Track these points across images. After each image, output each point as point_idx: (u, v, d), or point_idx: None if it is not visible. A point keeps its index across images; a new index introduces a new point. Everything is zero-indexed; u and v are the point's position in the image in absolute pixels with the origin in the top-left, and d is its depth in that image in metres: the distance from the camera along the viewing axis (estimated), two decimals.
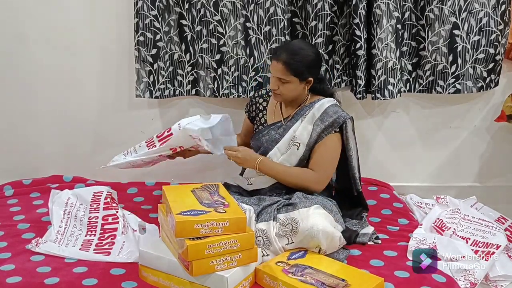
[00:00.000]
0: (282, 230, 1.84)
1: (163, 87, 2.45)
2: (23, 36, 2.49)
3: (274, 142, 2.10)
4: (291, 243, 1.83)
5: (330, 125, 2.01)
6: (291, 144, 2.06)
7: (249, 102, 2.28)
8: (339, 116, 2.01)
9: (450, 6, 2.33)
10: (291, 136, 2.06)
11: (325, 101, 2.07)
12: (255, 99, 2.25)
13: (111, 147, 2.64)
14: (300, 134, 2.04)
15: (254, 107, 2.25)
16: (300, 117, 2.08)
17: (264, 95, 2.24)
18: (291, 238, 1.82)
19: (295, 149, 2.05)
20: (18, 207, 2.28)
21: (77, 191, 2.19)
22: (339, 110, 2.04)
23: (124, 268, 1.80)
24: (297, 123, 2.07)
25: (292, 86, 2.01)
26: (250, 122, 2.28)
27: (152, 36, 2.35)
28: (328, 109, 2.03)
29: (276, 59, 1.99)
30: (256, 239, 1.84)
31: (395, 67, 2.39)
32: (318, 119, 2.02)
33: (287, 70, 1.97)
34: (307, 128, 2.04)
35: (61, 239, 1.96)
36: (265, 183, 2.11)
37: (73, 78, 2.55)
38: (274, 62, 2.00)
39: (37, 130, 2.62)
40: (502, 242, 1.98)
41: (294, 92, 2.04)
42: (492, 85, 2.46)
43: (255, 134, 2.21)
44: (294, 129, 2.06)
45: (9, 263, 1.80)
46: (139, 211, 2.24)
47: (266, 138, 2.14)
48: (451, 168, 2.65)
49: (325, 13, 2.33)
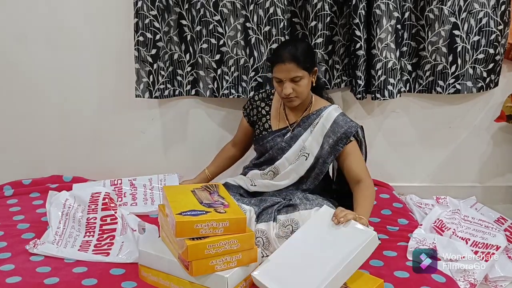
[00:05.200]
0: (282, 231, 1.84)
1: (162, 87, 2.45)
2: (23, 36, 2.49)
3: (281, 151, 2.07)
4: None
5: (343, 136, 1.99)
6: (300, 155, 2.03)
7: (248, 105, 2.21)
8: (350, 126, 2.00)
9: (450, 6, 2.33)
10: (300, 146, 2.04)
11: (331, 109, 2.05)
12: (255, 102, 2.19)
13: (111, 147, 2.65)
14: (310, 145, 2.02)
15: (255, 111, 2.19)
16: (308, 126, 2.05)
17: (265, 98, 2.18)
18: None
19: (304, 159, 2.03)
20: (18, 207, 2.28)
21: (75, 192, 2.18)
22: (348, 120, 2.03)
23: (124, 268, 1.80)
24: (305, 133, 2.04)
25: (305, 82, 1.97)
26: (249, 125, 2.23)
27: (151, 36, 2.35)
28: (337, 119, 2.02)
29: (281, 62, 1.94)
30: (256, 240, 1.83)
31: (395, 67, 2.39)
32: (330, 131, 2.00)
33: (298, 66, 1.93)
34: (318, 140, 2.02)
35: (59, 240, 1.95)
36: (268, 188, 2.10)
37: (73, 78, 2.55)
38: (281, 65, 1.94)
39: (37, 130, 2.62)
40: (502, 243, 1.98)
41: (308, 88, 2.00)
42: (492, 85, 2.46)
43: (258, 139, 2.17)
44: (303, 139, 2.04)
45: (8, 263, 1.80)
46: None
47: (271, 144, 2.11)
48: (450, 168, 2.65)
49: (325, 13, 2.33)
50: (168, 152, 2.65)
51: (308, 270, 1.61)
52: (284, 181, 2.07)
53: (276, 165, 2.07)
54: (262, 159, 2.14)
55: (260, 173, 2.11)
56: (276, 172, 2.08)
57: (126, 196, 2.31)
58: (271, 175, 2.09)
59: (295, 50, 1.94)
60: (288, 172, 2.05)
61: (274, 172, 2.08)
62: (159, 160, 2.65)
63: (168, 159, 2.65)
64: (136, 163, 2.64)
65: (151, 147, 2.64)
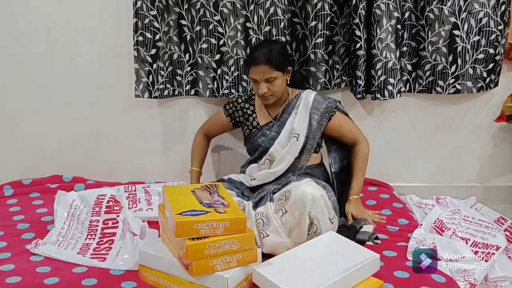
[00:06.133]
0: (277, 204, 1.90)
1: (162, 87, 2.45)
2: (23, 36, 2.49)
3: (272, 140, 2.15)
4: (284, 213, 1.86)
5: (326, 110, 2.13)
6: (290, 137, 2.12)
7: (231, 106, 2.29)
8: (329, 101, 2.15)
9: (450, 6, 2.33)
10: (288, 129, 2.13)
11: (307, 92, 2.19)
12: (239, 105, 2.28)
13: (111, 147, 2.65)
14: (298, 125, 2.12)
15: (240, 112, 2.27)
16: (291, 110, 2.16)
17: (248, 99, 2.28)
18: (284, 208, 1.86)
19: (295, 140, 2.11)
20: (18, 207, 2.28)
21: (82, 193, 2.19)
22: (326, 97, 2.18)
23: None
24: (291, 117, 2.15)
25: (279, 82, 2.07)
26: (231, 125, 2.31)
27: (151, 36, 2.35)
28: (316, 97, 2.15)
29: (255, 64, 2.04)
30: (256, 222, 1.89)
31: (395, 67, 2.39)
32: (313, 108, 2.12)
33: (270, 67, 2.03)
34: (304, 119, 2.12)
35: (62, 241, 1.95)
36: (267, 178, 2.15)
37: (73, 78, 2.55)
38: (255, 67, 2.05)
39: (37, 130, 2.62)
40: (502, 243, 1.98)
41: (282, 86, 2.11)
42: (492, 85, 2.46)
43: (249, 137, 2.25)
44: (291, 121, 2.14)
45: (9, 263, 1.80)
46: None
47: (262, 139, 2.19)
48: (450, 168, 2.65)
49: (325, 13, 2.33)
50: (168, 152, 2.65)
51: (307, 274, 1.63)
52: (281, 165, 2.13)
53: (270, 151, 2.15)
54: (257, 153, 2.21)
55: (257, 165, 2.18)
56: (271, 160, 2.15)
57: (141, 201, 2.32)
58: (267, 163, 2.15)
59: (269, 52, 2.05)
60: (283, 156, 2.13)
61: (270, 160, 2.15)
62: (159, 160, 2.65)
63: (168, 159, 2.65)
64: (136, 163, 2.65)
65: (151, 147, 2.64)
